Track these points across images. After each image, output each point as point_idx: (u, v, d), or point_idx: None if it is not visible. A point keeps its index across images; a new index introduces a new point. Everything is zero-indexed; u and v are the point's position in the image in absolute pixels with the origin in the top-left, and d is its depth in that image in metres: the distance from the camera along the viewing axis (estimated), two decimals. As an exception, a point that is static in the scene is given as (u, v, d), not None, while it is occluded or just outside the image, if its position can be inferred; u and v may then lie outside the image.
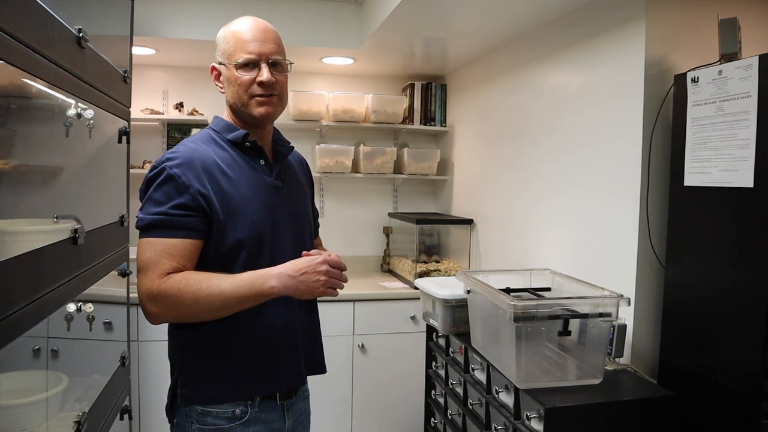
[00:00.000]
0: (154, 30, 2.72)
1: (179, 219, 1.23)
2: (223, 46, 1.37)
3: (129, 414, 1.91)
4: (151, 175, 1.28)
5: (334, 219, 3.61)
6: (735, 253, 1.49)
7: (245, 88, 1.33)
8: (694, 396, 1.58)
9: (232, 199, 1.29)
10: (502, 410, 1.64)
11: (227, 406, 1.29)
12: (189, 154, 1.29)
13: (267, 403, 1.33)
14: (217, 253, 1.28)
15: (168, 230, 1.23)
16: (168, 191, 1.24)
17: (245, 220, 1.29)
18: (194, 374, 1.31)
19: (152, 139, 3.33)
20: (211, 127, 1.41)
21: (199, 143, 1.34)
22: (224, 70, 1.37)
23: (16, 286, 0.98)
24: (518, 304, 1.53)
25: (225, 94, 1.39)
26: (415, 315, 2.97)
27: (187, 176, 1.25)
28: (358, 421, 2.97)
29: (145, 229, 1.24)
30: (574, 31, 2.14)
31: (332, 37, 2.95)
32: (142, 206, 1.28)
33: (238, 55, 1.33)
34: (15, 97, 1.02)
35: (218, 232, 1.27)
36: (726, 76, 1.50)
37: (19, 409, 1.09)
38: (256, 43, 1.34)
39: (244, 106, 1.35)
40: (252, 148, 1.38)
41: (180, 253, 1.23)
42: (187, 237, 1.24)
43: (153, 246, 1.23)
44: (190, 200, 1.24)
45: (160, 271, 1.21)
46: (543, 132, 2.36)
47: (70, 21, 1.24)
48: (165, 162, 1.27)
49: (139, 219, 1.26)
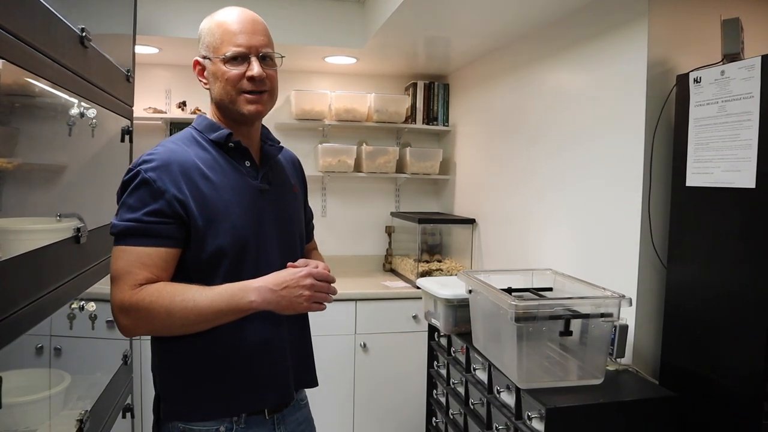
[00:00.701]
0: (157, 29, 2.73)
1: (153, 227, 1.15)
2: (207, 38, 1.26)
3: (131, 412, 1.92)
4: (127, 179, 1.18)
5: (337, 218, 3.61)
6: (737, 254, 1.48)
7: (233, 84, 1.23)
8: (696, 396, 1.58)
9: (212, 204, 1.19)
10: (504, 410, 1.64)
11: (210, 423, 1.21)
12: (167, 156, 1.19)
13: (255, 419, 1.25)
14: (197, 263, 1.19)
15: (141, 238, 1.14)
16: (142, 196, 1.15)
17: (227, 227, 1.20)
18: (175, 390, 1.22)
19: (155, 138, 3.33)
20: (194, 126, 1.31)
21: (179, 144, 1.25)
22: (209, 65, 1.26)
23: (19, 284, 0.98)
24: (520, 304, 1.53)
25: (210, 91, 1.29)
26: (416, 314, 2.98)
27: (163, 180, 1.16)
28: (359, 420, 2.97)
29: (119, 237, 1.15)
30: (577, 32, 2.14)
31: (335, 36, 2.95)
32: (117, 211, 1.19)
33: (226, 48, 1.22)
34: (18, 96, 1.02)
35: (197, 239, 1.18)
36: (728, 77, 1.50)
37: (22, 407, 1.09)
38: (245, 35, 1.23)
39: (232, 103, 1.25)
40: (236, 149, 1.28)
41: (154, 262, 1.14)
42: (161, 246, 1.15)
43: (126, 255, 1.14)
44: (165, 206, 1.15)
45: (132, 282, 1.12)
46: (545, 132, 2.36)
47: (73, 20, 1.25)
48: (141, 165, 1.18)
49: (113, 225, 1.16)
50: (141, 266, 1.13)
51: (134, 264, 1.13)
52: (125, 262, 1.13)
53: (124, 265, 1.13)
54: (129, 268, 1.13)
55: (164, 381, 1.24)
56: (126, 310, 1.12)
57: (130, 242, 1.14)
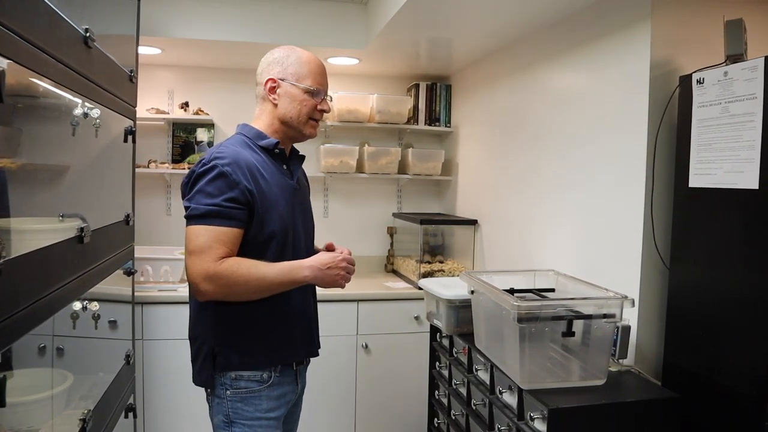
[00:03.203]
0: (160, 30, 2.73)
1: (230, 211, 1.42)
2: (293, 67, 1.57)
3: (134, 412, 1.92)
4: (202, 171, 1.44)
5: (339, 219, 3.62)
6: (740, 255, 1.48)
7: (309, 111, 1.58)
8: (699, 398, 1.58)
9: (268, 196, 1.49)
10: (506, 411, 1.64)
11: (256, 372, 1.52)
12: (235, 155, 1.47)
13: (286, 370, 1.57)
14: (255, 242, 1.48)
15: (221, 219, 1.41)
16: (220, 185, 1.42)
17: (276, 216, 1.51)
18: (229, 346, 1.51)
19: (157, 138, 3.34)
20: (242, 134, 1.60)
21: (237, 146, 1.52)
22: (289, 87, 1.57)
23: (22, 284, 0.98)
24: (522, 305, 1.53)
25: (277, 106, 1.58)
26: (418, 315, 2.97)
27: (237, 174, 1.44)
28: (361, 420, 2.97)
29: (200, 217, 1.41)
30: (579, 32, 2.13)
31: (337, 37, 2.96)
32: (190, 197, 1.44)
33: (311, 82, 1.57)
34: (22, 96, 1.03)
35: (258, 223, 1.47)
36: (731, 78, 1.50)
37: (25, 407, 1.09)
38: (324, 78, 1.61)
39: (300, 124, 1.58)
40: (279, 155, 1.60)
41: (229, 239, 1.42)
42: (235, 227, 1.43)
43: (207, 232, 1.40)
44: (239, 195, 1.43)
45: (215, 255, 1.39)
46: (547, 133, 2.36)
47: (77, 21, 1.25)
48: (215, 160, 1.44)
49: (193, 208, 1.42)
50: (220, 243, 1.40)
51: (215, 240, 1.40)
52: (207, 239, 1.40)
53: (206, 240, 1.39)
54: (211, 243, 1.39)
55: (221, 339, 1.51)
56: (210, 278, 1.38)
57: (211, 222, 1.41)
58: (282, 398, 1.57)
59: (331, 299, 2.72)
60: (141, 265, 2.72)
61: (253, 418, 1.51)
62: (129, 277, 1.94)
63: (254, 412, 1.52)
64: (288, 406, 1.61)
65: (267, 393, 1.53)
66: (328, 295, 1.72)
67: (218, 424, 1.55)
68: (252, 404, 1.52)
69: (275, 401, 1.55)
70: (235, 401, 1.51)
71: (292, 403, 1.64)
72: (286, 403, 1.60)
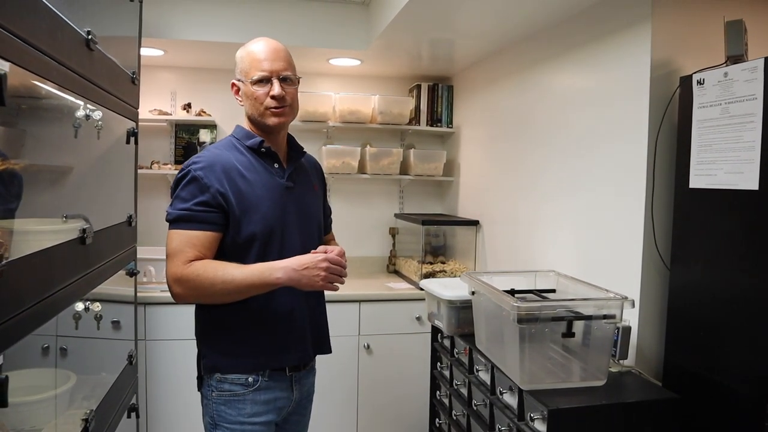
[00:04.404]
0: (162, 31, 2.75)
1: (201, 214, 1.44)
2: (240, 65, 1.56)
3: (136, 412, 1.93)
4: (179, 176, 1.49)
5: (341, 219, 3.59)
6: (740, 256, 1.48)
7: (261, 102, 1.53)
8: (699, 398, 1.58)
9: (247, 197, 1.48)
10: (506, 411, 1.65)
11: (242, 375, 1.50)
12: (211, 159, 1.49)
13: (276, 374, 1.54)
14: (234, 244, 1.48)
15: (191, 223, 1.43)
16: (192, 190, 1.45)
17: (258, 217, 1.49)
18: (214, 348, 1.53)
19: (160, 139, 3.35)
20: (233, 135, 1.61)
21: (221, 149, 1.55)
22: (242, 86, 1.56)
23: (25, 285, 0.99)
24: (522, 306, 1.53)
25: (244, 107, 1.58)
26: (420, 316, 2.98)
27: (209, 177, 1.45)
28: (363, 420, 2.98)
29: (173, 222, 1.45)
30: (580, 33, 2.14)
31: (339, 38, 2.96)
32: (171, 202, 1.48)
33: (253, 72, 1.52)
34: (25, 98, 1.03)
35: (234, 225, 1.47)
36: (732, 78, 1.50)
37: (28, 407, 1.10)
38: (268, 61, 1.52)
39: (261, 117, 1.54)
40: (267, 154, 1.57)
41: (201, 243, 1.43)
42: (207, 230, 1.44)
43: (178, 236, 1.43)
44: (210, 198, 1.44)
45: (184, 259, 1.41)
46: (549, 133, 2.36)
47: (79, 23, 1.26)
48: (190, 165, 1.48)
49: (168, 213, 1.46)
50: (190, 246, 1.42)
51: (185, 244, 1.42)
52: (178, 243, 1.43)
53: (177, 245, 1.43)
54: (181, 247, 1.42)
55: (207, 342, 1.54)
56: (178, 281, 1.41)
57: (182, 226, 1.44)
58: (271, 404, 1.54)
59: (332, 300, 2.72)
60: (143, 265, 2.73)
61: (236, 422, 1.50)
62: (131, 277, 1.95)
63: (237, 416, 1.50)
64: (281, 412, 1.58)
65: (252, 397, 1.51)
66: (329, 296, 1.70)
67: (206, 425, 1.56)
68: (235, 408, 1.50)
69: (262, 406, 1.52)
70: (219, 404, 1.51)
71: (287, 410, 1.60)
72: (277, 409, 1.56)
